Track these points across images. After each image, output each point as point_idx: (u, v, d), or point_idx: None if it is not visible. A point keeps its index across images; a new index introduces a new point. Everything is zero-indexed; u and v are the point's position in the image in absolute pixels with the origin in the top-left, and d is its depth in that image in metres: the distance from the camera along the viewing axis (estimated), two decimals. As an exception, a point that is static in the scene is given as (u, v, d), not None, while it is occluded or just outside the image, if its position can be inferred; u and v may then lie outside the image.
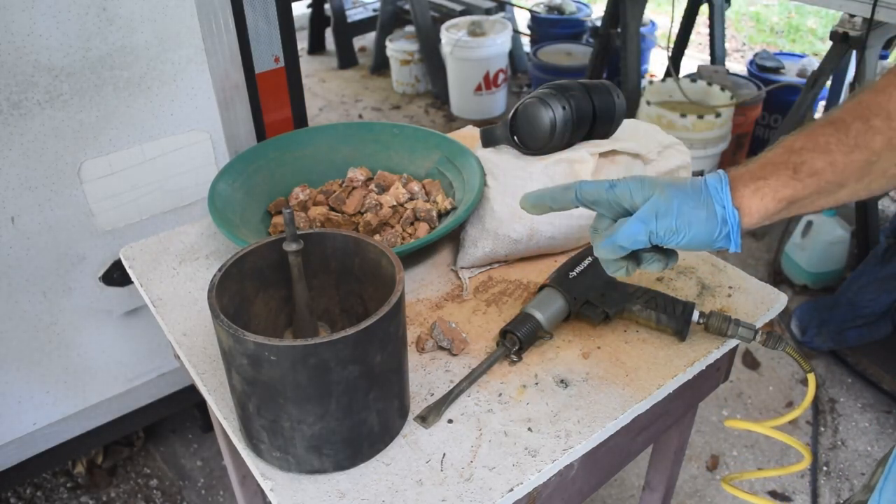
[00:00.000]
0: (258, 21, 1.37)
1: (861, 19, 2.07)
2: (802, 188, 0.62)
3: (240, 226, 1.00)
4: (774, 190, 0.63)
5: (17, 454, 1.50)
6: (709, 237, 0.65)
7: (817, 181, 0.62)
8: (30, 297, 1.35)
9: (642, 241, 0.65)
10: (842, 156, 0.61)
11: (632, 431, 0.89)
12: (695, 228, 0.64)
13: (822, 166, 0.62)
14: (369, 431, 0.72)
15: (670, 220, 0.64)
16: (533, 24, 3.89)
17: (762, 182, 0.64)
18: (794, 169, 0.62)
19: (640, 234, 0.65)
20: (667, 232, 0.65)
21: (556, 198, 0.71)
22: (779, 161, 0.64)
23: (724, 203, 0.64)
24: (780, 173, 0.63)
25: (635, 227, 0.65)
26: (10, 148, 1.21)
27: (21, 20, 1.13)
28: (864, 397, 2.07)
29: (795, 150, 0.63)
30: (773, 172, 0.63)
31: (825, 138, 0.62)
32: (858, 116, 0.61)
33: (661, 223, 0.65)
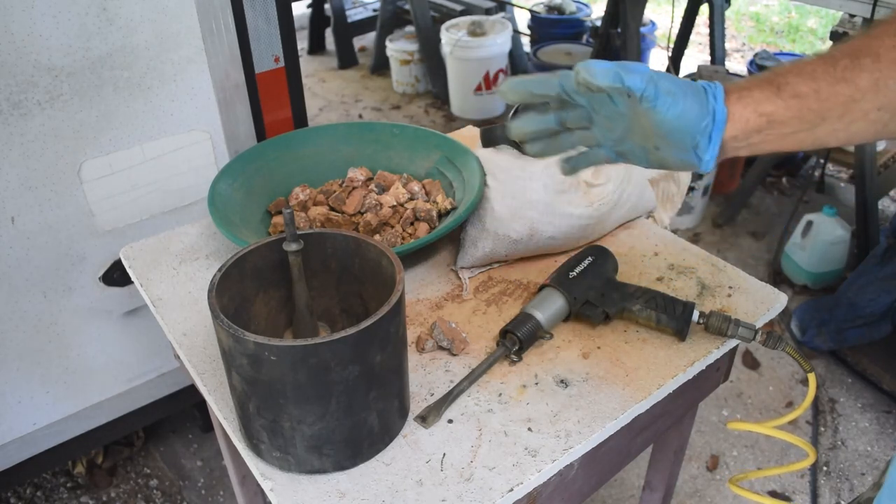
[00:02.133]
0: (258, 21, 1.37)
1: (861, 19, 2.07)
2: (784, 108, 0.62)
3: (240, 226, 1.00)
4: (756, 101, 0.63)
5: (17, 454, 1.50)
6: (697, 119, 0.64)
7: (799, 105, 0.62)
8: (30, 297, 1.35)
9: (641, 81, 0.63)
10: (826, 85, 0.61)
11: (632, 431, 0.89)
12: (688, 101, 0.64)
13: (806, 91, 0.62)
14: (369, 431, 0.72)
15: (671, 83, 0.64)
16: (533, 24, 3.89)
17: (746, 92, 0.64)
18: (777, 87, 0.63)
19: (645, 73, 0.63)
20: (667, 92, 0.63)
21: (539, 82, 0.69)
22: (763, 79, 0.64)
23: (716, 96, 0.64)
24: (764, 88, 0.63)
25: (640, 67, 0.64)
26: (10, 148, 1.21)
27: (21, 20, 1.13)
28: (864, 397, 2.07)
29: (781, 73, 0.64)
30: (757, 86, 0.64)
31: (812, 66, 0.62)
32: (848, 54, 0.62)
33: (664, 82, 0.64)
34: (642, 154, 0.70)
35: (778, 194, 2.97)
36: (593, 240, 1.05)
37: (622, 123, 0.68)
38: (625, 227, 1.09)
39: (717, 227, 2.78)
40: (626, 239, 1.07)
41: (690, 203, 2.71)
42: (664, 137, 0.66)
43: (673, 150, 0.66)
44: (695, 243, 1.07)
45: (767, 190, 2.98)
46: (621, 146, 0.70)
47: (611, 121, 0.69)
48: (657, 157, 0.69)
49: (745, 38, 4.66)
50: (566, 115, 0.70)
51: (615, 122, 0.68)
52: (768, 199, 2.95)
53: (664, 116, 0.64)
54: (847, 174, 3.05)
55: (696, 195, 2.70)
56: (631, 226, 1.09)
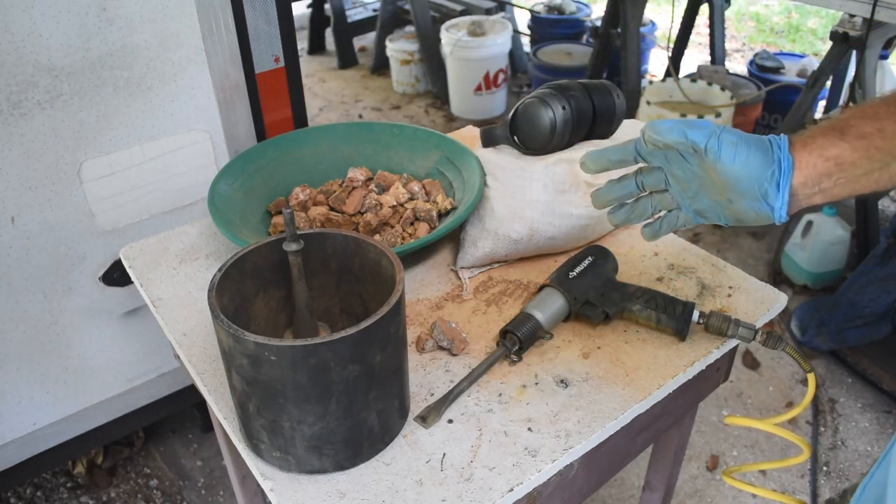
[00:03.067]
0: (258, 21, 1.37)
1: (861, 19, 2.07)
2: (850, 150, 0.63)
3: (240, 226, 1.00)
4: (821, 147, 0.64)
5: (17, 454, 1.50)
6: (763, 167, 0.66)
7: (865, 146, 0.63)
8: (30, 297, 1.35)
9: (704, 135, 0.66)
10: (891, 123, 0.62)
11: (632, 431, 0.89)
12: (752, 150, 0.66)
13: (870, 131, 0.62)
14: (369, 431, 0.72)
15: (734, 136, 0.66)
16: (533, 24, 3.89)
17: (810, 139, 0.65)
18: (841, 131, 0.64)
19: (707, 127, 0.66)
20: (730, 143, 0.66)
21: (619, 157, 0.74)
22: (826, 126, 0.65)
23: (780, 146, 0.66)
24: (828, 134, 0.65)
25: (702, 122, 0.67)
26: (10, 148, 1.21)
27: (21, 20, 1.13)
28: (864, 397, 2.07)
29: (843, 119, 0.65)
30: (821, 133, 0.65)
31: (873, 108, 0.63)
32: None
33: (726, 134, 0.66)
34: (719, 209, 0.72)
35: (778, 194, 2.97)
36: (593, 240, 1.05)
37: (695, 181, 0.71)
38: (625, 227, 1.09)
39: (717, 227, 2.78)
40: (626, 239, 1.07)
41: (690, 203, 2.71)
42: (734, 189, 0.68)
43: (744, 201, 0.68)
44: (695, 243, 1.07)
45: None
46: (697, 204, 0.73)
47: (685, 180, 0.71)
48: (732, 211, 0.71)
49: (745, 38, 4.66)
50: (644, 179, 0.74)
51: (689, 180, 0.71)
52: (768, 199, 2.94)
53: (729, 166, 0.66)
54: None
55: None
56: (631, 226, 1.09)
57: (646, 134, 0.69)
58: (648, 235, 0.79)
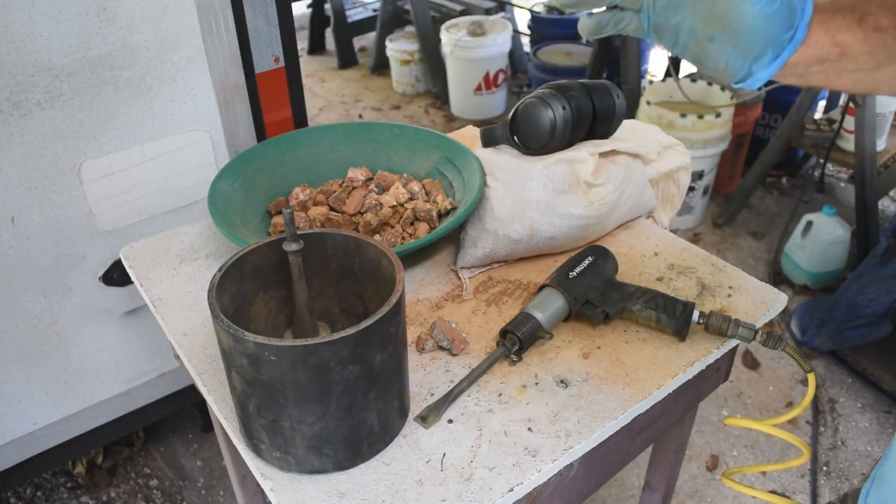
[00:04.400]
0: (258, 21, 1.38)
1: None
2: (862, 41, 0.57)
3: (240, 226, 1.00)
4: (837, 28, 0.57)
5: (17, 454, 1.50)
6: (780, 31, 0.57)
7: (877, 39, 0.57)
8: (30, 297, 1.35)
9: None
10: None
11: (632, 431, 0.89)
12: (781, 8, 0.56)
13: (887, 25, 0.56)
14: (369, 431, 0.72)
15: None
16: (533, 24, 3.89)
17: (829, 15, 0.57)
18: (860, 16, 0.57)
19: None
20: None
21: None
22: (847, 4, 0.58)
23: (804, 11, 0.57)
24: (847, 15, 0.57)
25: None
26: (10, 148, 1.21)
27: (21, 20, 1.13)
28: (864, 397, 2.07)
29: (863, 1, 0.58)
30: (840, 11, 0.58)
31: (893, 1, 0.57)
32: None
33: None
34: (685, 38, 0.60)
35: (778, 194, 2.97)
36: (593, 240, 1.05)
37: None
38: (625, 227, 1.09)
39: (717, 227, 2.78)
40: (626, 239, 1.07)
41: (690, 203, 2.71)
42: (733, 33, 0.57)
43: (728, 50, 0.58)
44: (695, 243, 1.07)
45: (767, 190, 2.99)
46: (666, 19, 0.60)
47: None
48: (702, 49, 0.60)
49: (745, 38, 4.65)
50: None
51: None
52: (768, 199, 2.95)
53: (752, 9, 0.56)
54: (847, 174, 3.05)
55: (696, 195, 2.70)
56: (631, 226, 1.09)
57: None
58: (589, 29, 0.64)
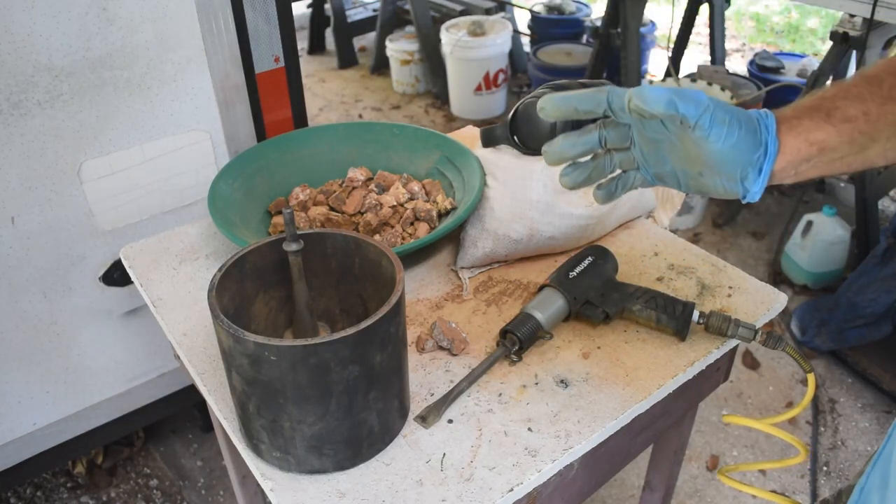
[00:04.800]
0: (258, 21, 1.37)
1: (861, 19, 2.07)
2: (836, 134, 0.61)
3: (240, 226, 1.00)
4: (808, 130, 0.62)
5: (17, 454, 1.50)
6: (749, 152, 0.62)
7: (850, 129, 0.60)
8: (30, 297, 1.35)
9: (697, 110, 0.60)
10: (875, 106, 0.60)
11: (632, 431, 0.89)
12: (742, 133, 0.61)
13: (855, 114, 0.60)
14: (369, 431, 0.72)
15: (726, 113, 0.61)
16: (533, 24, 3.89)
17: (796, 122, 0.62)
18: (826, 113, 0.61)
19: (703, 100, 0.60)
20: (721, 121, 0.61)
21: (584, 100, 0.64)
22: (811, 105, 0.62)
23: (769, 128, 0.62)
24: (814, 115, 0.62)
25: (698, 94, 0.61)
26: (10, 148, 1.21)
27: (21, 20, 1.13)
28: (864, 397, 2.07)
29: (828, 98, 0.62)
30: (806, 114, 0.62)
31: (858, 89, 0.61)
32: (891, 73, 0.61)
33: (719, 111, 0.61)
34: (683, 179, 0.67)
35: (778, 194, 2.97)
36: (593, 240, 1.05)
37: (667, 146, 0.65)
38: (625, 227, 1.09)
39: (717, 227, 2.78)
40: (626, 239, 1.07)
41: (690, 203, 2.71)
42: (712, 166, 0.63)
43: (718, 179, 0.65)
44: (695, 243, 1.07)
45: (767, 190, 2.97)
46: (661, 168, 0.68)
47: (656, 142, 0.66)
48: (698, 184, 0.66)
49: (745, 38, 4.66)
50: (608, 134, 0.67)
51: (660, 144, 0.66)
52: (768, 199, 2.95)
53: (716, 147, 0.62)
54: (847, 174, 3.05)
55: (696, 195, 2.70)
56: (631, 226, 1.09)
57: (632, 102, 0.61)
58: (602, 198, 0.71)
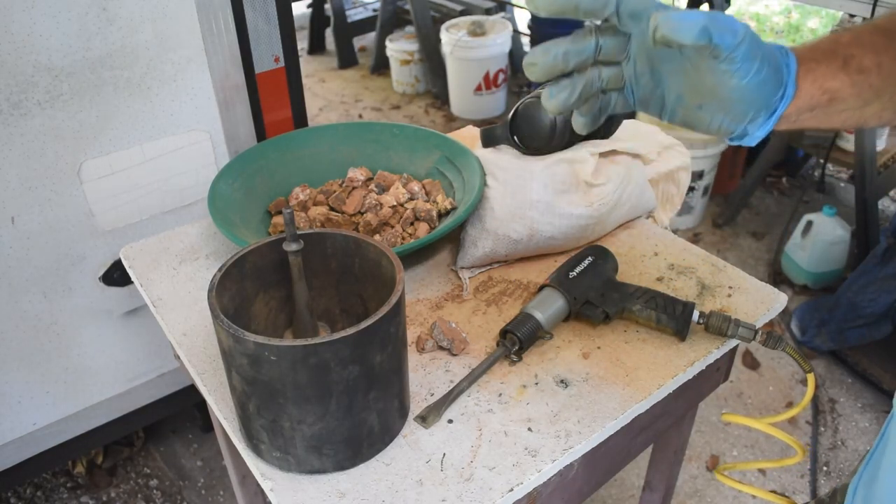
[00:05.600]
0: (258, 21, 1.38)
1: (861, 19, 2.07)
2: (849, 85, 0.56)
3: (240, 226, 1.00)
4: (824, 77, 0.56)
5: (17, 454, 1.50)
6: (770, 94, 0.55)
7: (862, 81, 0.56)
8: (30, 297, 1.35)
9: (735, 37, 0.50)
10: (889, 60, 0.57)
11: (632, 431, 0.89)
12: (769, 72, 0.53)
13: (870, 65, 0.56)
14: (369, 431, 0.72)
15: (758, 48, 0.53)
16: (533, 24, 3.89)
17: (814, 64, 0.56)
18: (844, 61, 0.56)
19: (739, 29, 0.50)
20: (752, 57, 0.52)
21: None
22: (827, 48, 0.57)
23: (790, 69, 0.55)
24: (831, 61, 0.56)
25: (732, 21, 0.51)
26: (10, 148, 1.21)
27: (21, 20, 1.13)
28: (864, 397, 2.07)
29: (843, 43, 0.57)
30: (824, 58, 0.56)
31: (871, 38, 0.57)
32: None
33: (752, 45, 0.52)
34: (673, 107, 0.58)
35: (778, 194, 2.97)
36: (593, 240, 1.05)
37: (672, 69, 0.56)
38: (625, 227, 1.09)
39: (717, 227, 2.78)
40: (626, 239, 1.07)
41: (690, 203, 2.71)
42: (724, 102, 0.55)
43: (721, 115, 0.56)
44: (695, 243, 1.07)
45: (767, 190, 2.99)
46: (650, 91, 0.58)
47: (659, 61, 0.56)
48: (691, 116, 0.58)
49: (745, 38, 4.65)
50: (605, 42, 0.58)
51: (663, 64, 0.56)
52: (768, 199, 2.95)
53: (740, 83, 0.53)
54: (847, 174, 3.05)
55: (695, 195, 2.70)
56: (631, 226, 1.09)
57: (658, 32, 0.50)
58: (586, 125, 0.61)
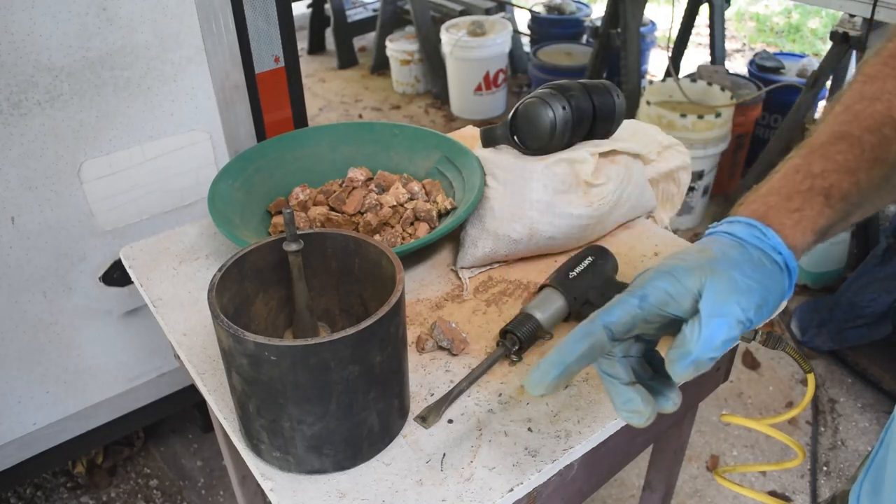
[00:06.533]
0: (258, 21, 1.38)
1: (861, 19, 2.07)
2: (834, 215, 0.56)
3: (240, 226, 1.00)
4: (812, 221, 0.55)
5: (17, 454, 1.50)
6: (783, 292, 0.54)
7: (846, 205, 0.56)
8: (30, 297, 1.35)
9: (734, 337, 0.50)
10: (864, 174, 0.56)
11: (631, 431, 0.88)
12: (773, 291, 0.53)
13: (849, 188, 0.56)
14: (369, 431, 0.72)
15: (750, 298, 0.51)
16: (533, 24, 3.89)
17: (798, 215, 0.55)
18: (825, 195, 0.56)
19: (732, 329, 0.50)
20: (756, 310, 0.51)
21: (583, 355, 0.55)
22: (804, 188, 0.56)
23: (779, 250, 0.54)
24: (813, 202, 0.55)
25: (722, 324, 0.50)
26: (10, 148, 1.21)
27: (21, 20, 1.13)
28: (864, 397, 2.07)
29: (818, 175, 0.56)
30: (805, 202, 0.56)
31: (843, 157, 0.56)
32: (866, 128, 0.57)
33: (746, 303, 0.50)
34: None
35: (778, 194, 2.97)
36: (593, 240, 1.05)
37: None
38: (625, 227, 1.09)
39: (717, 227, 2.78)
40: (626, 239, 1.07)
41: (690, 203, 2.71)
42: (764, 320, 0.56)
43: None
44: (695, 243, 1.07)
45: (767, 190, 2.98)
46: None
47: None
48: None
49: (745, 38, 4.66)
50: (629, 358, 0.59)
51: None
52: (768, 199, 2.94)
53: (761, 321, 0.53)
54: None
55: (696, 195, 2.70)
56: (631, 226, 1.09)
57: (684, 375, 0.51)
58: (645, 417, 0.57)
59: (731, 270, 0.52)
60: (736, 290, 0.51)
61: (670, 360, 0.51)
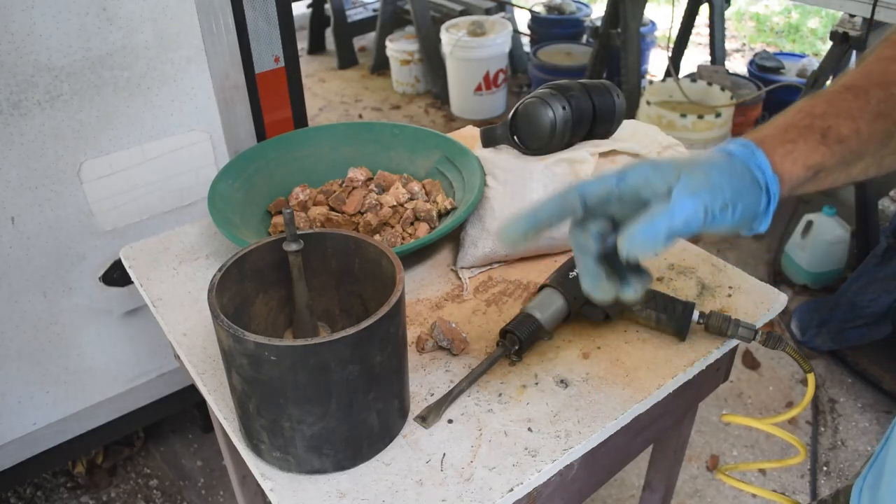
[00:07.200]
0: (258, 21, 1.38)
1: (861, 19, 2.07)
2: (830, 155, 0.57)
3: (240, 226, 1.00)
4: (805, 155, 0.57)
5: (17, 454, 1.50)
6: (756, 208, 0.57)
7: (843, 149, 0.58)
8: (30, 297, 1.35)
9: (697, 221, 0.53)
10: (866, 124, 0.58)
11: (632, 431, 0.89)
12: (744, 198, 0.55)
13: (848, 133, 0.57)
14: (369, 431, 0.72)
15: (720, 194, 0.54)
16: (533, 24, 3.89)
17: (791, 146, 0.58)
18: (821, 133, 0.57)
19: (698, 212, 0.53)
20: (721, 207, 0.54)
21: (553, 212, 0.59)
22: (803, 125, 0.58)
23: (762, 168, 0.57)
24: (808, 137, 0.58)
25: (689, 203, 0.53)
26: (10, 148, 1.21)
27: (21, 20, 1.13)
28: (864, 397, 2.07)
29: (818, 115, 0.58)
30: (800, 136, 0.58)
31: (847, 104, 0.58)
32: (876, 84, 0.58)
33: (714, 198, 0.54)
34: None
35: (778, 194, 2.97)
36: (593, 240, 1.04)
37: None
38: (625, 227, 1.09)
39: (717, 227, 2.78)
40: (626, 239, 1.06)
41: (690, 203, 2.71)
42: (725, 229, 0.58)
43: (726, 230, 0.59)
44: (695, 243, 1.07)
45: (767, 190, 2.98)
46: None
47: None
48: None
49: (745, 38, 4.66)
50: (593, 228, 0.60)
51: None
52: (768, 199, 2.94)
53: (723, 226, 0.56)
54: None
55: (696, 195, 2.69)
56: (631, 226, 1.09)
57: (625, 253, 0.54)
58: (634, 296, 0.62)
59: (709, 169, 0.55)
60: (709, 184, 0.54)
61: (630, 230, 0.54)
